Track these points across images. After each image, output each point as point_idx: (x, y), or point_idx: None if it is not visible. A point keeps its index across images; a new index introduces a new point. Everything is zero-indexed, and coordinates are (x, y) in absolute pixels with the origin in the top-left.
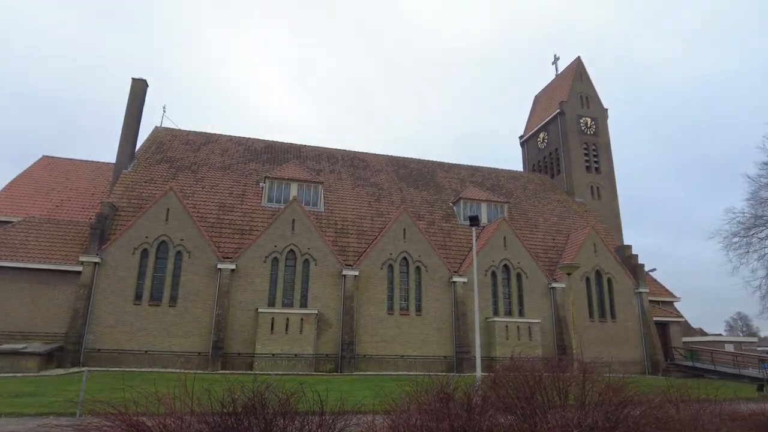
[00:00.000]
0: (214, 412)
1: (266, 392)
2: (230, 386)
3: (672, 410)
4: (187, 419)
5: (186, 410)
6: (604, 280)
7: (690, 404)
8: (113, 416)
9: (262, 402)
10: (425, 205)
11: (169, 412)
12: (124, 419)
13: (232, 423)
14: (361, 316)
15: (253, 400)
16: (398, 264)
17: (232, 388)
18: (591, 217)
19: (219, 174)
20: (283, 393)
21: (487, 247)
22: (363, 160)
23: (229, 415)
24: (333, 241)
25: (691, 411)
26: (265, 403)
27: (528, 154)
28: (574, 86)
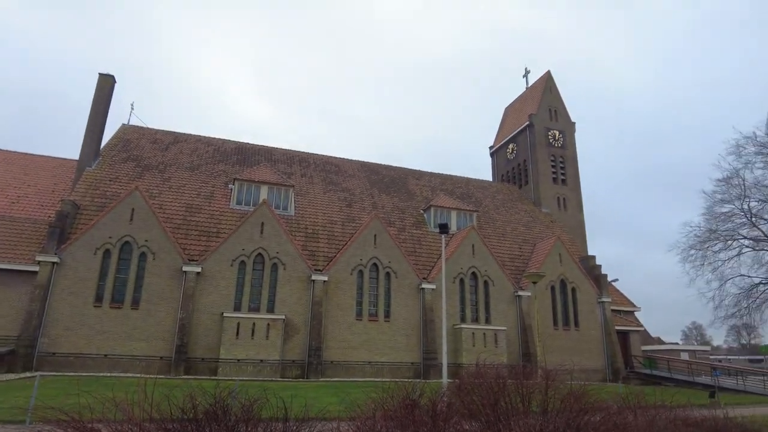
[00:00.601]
0: (174, 418)
1: (229, 398)
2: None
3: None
4: (145, 426)
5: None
6: (569, 289)
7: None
8: (65, 423)
9: (224, 408)
10: (396, 211)
11: (126, 418)
12: (78, 426)
13: (193, 430)
14: (330, 322)
15: (214, 407)
16: (368, 270)
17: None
18: (557, 227)
19: (187, 174)
20: (246, 399)
21: (456, 254)
22: (335, 165)
23: (190, 421)
24: (303, 245)
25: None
26: (227, 410)
27: (497, 165)
28: (544, 99)
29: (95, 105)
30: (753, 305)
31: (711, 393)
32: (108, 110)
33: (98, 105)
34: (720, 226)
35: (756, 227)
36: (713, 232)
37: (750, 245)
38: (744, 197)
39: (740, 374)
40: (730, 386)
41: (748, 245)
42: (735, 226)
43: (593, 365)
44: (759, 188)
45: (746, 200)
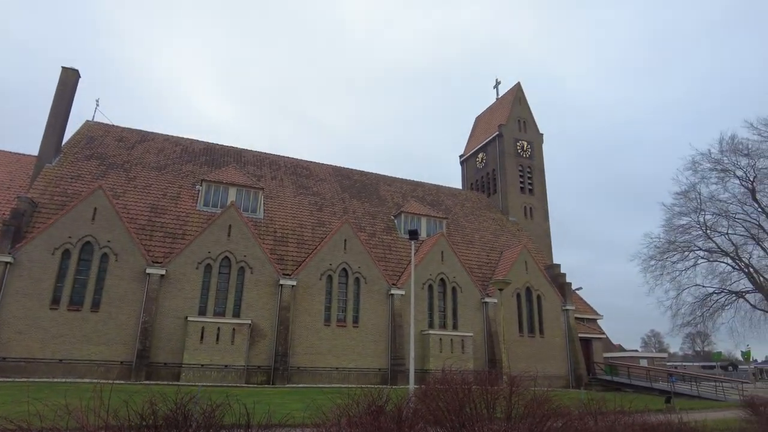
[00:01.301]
0: (132, 425)
1: (190, 404)
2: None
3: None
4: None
5: (100, 424)
6: (534, 296)
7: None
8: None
9: (185, 414)
10: (367, 216)
11: (80, 426)
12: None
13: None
14: (297, 327)
15: (175, 413)
16: (338, 275)
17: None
18: (523, 236)
19: (153, 174)
20: (208, 405)
21: (425, 260)
22: (306, 169)
23: (149, 428)
24: (271, 249)
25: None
26: (188, 416)
27: (467, 173)
28: (513, 110)
29: (57, 99)
30: (707, 314)
31: (667, 398)
32: (71, 105)
33: (61, 99)
34: (678, 238)
35: (710, 239)
36: (672, 243)
37: (705, 256)
38: (700, 211)
39: (694, 380)
40: (684, 392)
41: (703, 256)
42: (692, 238)
43: (557, 372)
44: (713, 202)
45: (702, 213)
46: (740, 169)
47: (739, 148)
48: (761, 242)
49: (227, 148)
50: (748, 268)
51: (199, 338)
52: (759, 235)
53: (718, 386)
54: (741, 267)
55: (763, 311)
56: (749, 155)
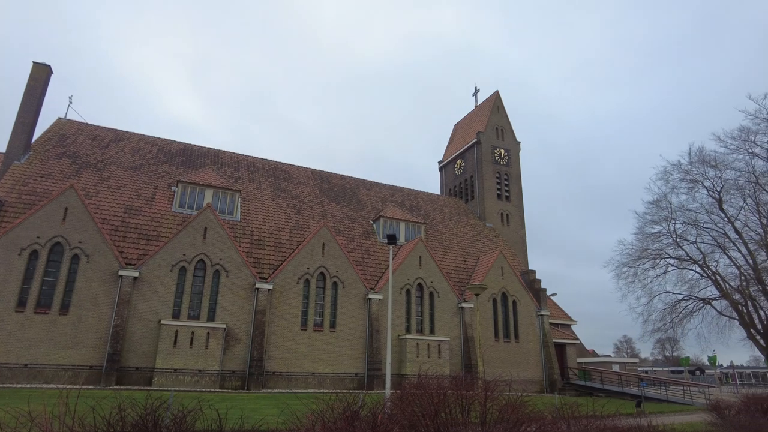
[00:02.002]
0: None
1: (161, 410)
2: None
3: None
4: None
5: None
6: (510, 302)
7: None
8: None
9: (155, 420)
10: (346, 220)
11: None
12: None
13: None
14: (273, 332)
15: (144, 419)
16: (315, 279)
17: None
18: (500, 242)
19: (128, 174)
20: (179, 410)
21: (403, 265)
22: (285, 172)
23: None
24: (247, 252)
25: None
26: (158, 422)
27: (446, 179)
28: (491, 118)
29: (28, 95)
30: (676, 320)
31: (637, 402)
32: (42, 102)
33: (31, 95)
34: (650, 246)
35: (680, 247)
36: (644, 250)
37: (675, 264)
38: (670, 219)
39: (663, 385)
40: (654, 396)
41: (674, 264)
42: (663, 246)
43: (531, 377)
44: (683, 212)
45: (672, 222)
46: (708, 179)
47: (707, 159)
48: (727, 251)
49: (204, 149)
50: (715, 275)
51: (172, 342)
52: (725, 244)
53: (685, 390)
54: (708, 274)
55: (728, 317)
56: (716, 167)
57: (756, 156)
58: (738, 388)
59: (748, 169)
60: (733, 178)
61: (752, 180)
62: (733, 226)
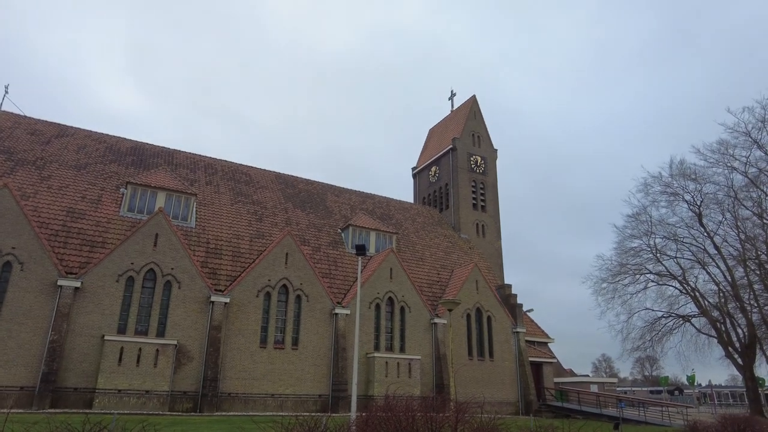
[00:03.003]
0: None
1: None
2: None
3: None
4: None
5: None
6: (484, 318)
7: None
8: None
9: None
10: (312, 229)
11: None
12: None
13: None
14: (229, 349)
15: None
16: (277, 292)
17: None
18: (475, 254)
19: (71, 174)
20: None
21: (372, 278)
22: (246, 174)
23: None
24: (203, 262)
25: None
26: None
27: (419, 186)
28: (468, 124)
29: None
30: (655, 338)
31: (615, 425)
32: None
33: None
34: (629, 261)
35: (660, 263)
36: (623, 266)
37: (655, 280)
38: (650, 234)
39: (642, 405)
40: (632, 417)
41: (654, 280)
42: (642, 261)
43: (506, 397)
44: (663, 225)
45: (652, 237)
46: (688, 193)
47: (687, 172)
48: (706, 266)
49: (158, 148)
50: (695, 292)
51: (117, 360)
52: (704, 260)
53: (664, 411)
54: (687, 291)
55: (707, 335)
56: (696, 180)
57: (734, 170)
58: (716, 408)
59: (727, 183)
60: (712, 192)
61: (731, 194)
62: (712, 241)
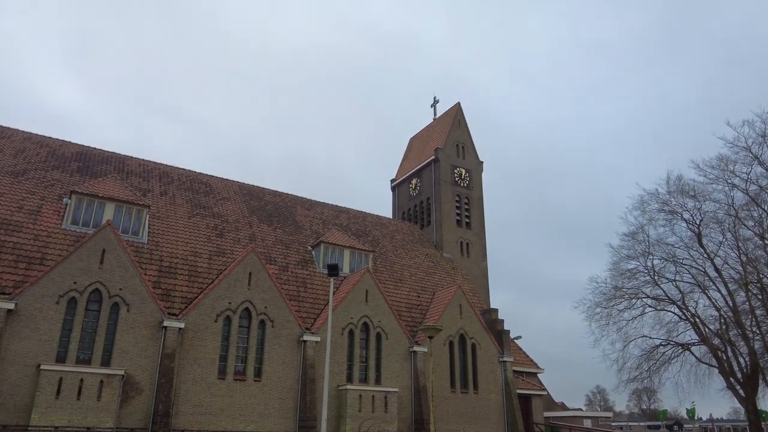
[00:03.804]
0: None
1: None
2: None
3: None
4: None
5: None
6: (468, 346)
7: None
8: None
9: None
10: (279, 246)
11: None
12: None
13: None
14: (183, 381)
15: None
16: (238, 316)
17: None
18: (459, 275)
19: (7, 180)
20: None
21: (346, 301)
22: (206, 184)
23: None
24: (155, 282)
25: None
26: None
27: (399, 200)
28: (452, 133)
29: None
30: (653, 368)
31: None
32: None
33: None
34: (625, 284)
35: (658, 286)
36: (618, 289)
37: (652, 305)
38: (648, 254)
39: None
40: None
41: (651, 305)
42: (639, 284)
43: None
44: (661, 246)
45: (650, 257)
46: (687, 211)
47: (685, 189)
48: (706, 290)
49: (107, 153)
50: (695, 317)
51: (54, 392)
52: (704, 283)
53: None
54: (687, 317)
55: (708, 365)
56: (696, 197)
57: (735, 187)
58: None
59: (728, 201)
60: (712, 211)
61: (731, 213)
62: (712, 263)
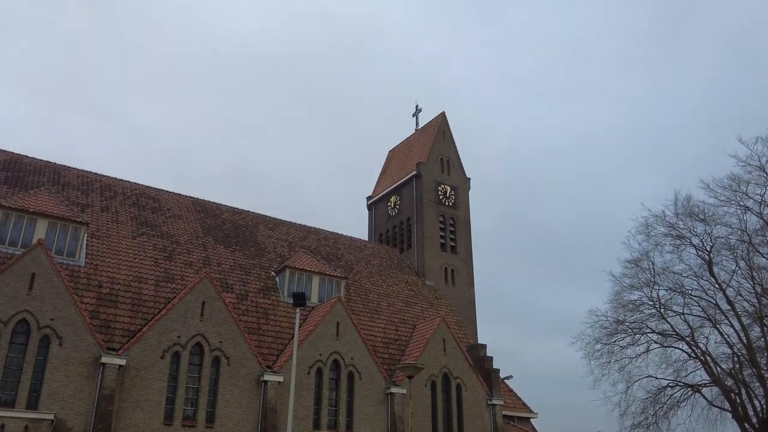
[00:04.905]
0: None
1: None
2: None
3: None
4: None
5: None
6: (453, 386)
7: None
8: None
9: None
10: (238, 271)
11: None
12: None
13: None
14: (124, 427)
15: None
16: (188, 352)
17: None
18: (442, 305)
19: None
20: None
21: (314, 335)
22: (154, 200)
23: None
24: (93, 311)
25: None
26: None
27: (376, 220)
28: (436, 146)
29: None
30: (660, 412)
31: None
32: None
33: None
34: (628, 317)
35: (665, 320)
36: (621, 323)
37: (658, 341)
38: (653, 284)
39: None
40: None
41: (657, 340)
42: (643, 318)
43: None
44: (668, 274)
45: (655, 288)
46: (696, 236)
47: (695, 211)
48: (719, 324)
49: (41, 162)
50: (705, 355)
51: None
52: (716, 316)
53: None
54: (697, 354)
55: (720, 408)
56: (706, 221)
57: (748, 210)
58: None
59: (741, 226)
60: (724, 236)
61: (745, 239)
62: (724, 294)
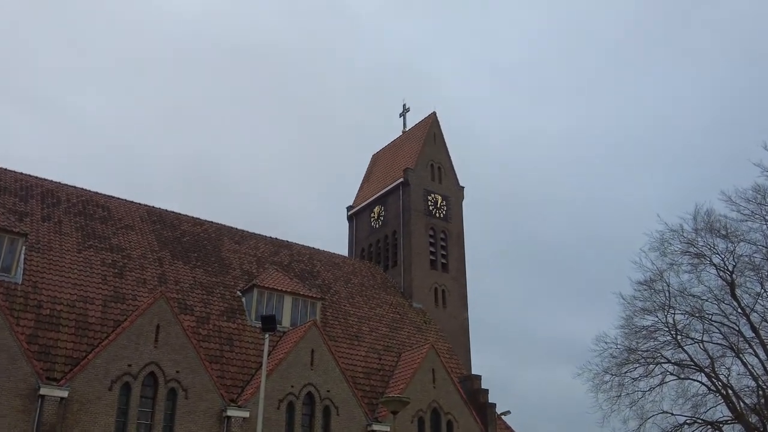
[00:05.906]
0: None
1: None
2: None
3: None
4: None
5: None
6: (443, 423)
7: None
8: None
9: None
10: (199, 290)
11: None
12: None
13: None
14: None
15: None
16: (140, 383)
17: None
18: (432, 330)
19: None
20: None
21: (285, 363)
22: (103, 208)
23: None
24: (31, 335)
25: None
26: None
27: (357, 233)
28: (425, 151)
29: None
30: None
31: None
32: None
33: None
34: (640, 345)
35: (681, 348)
36: (632, 351)
37: (675, 372)
38: (669, 308)
39: None
40: None
41: (673, 371)
42: (658, 346)
43: None
44: (685, 297)
45: (671, 312)
46: (717, 254)
47: (716, 227)
48: (742, 354)
49: None
50: (726, 389)
51: None
52: (739, 345)
53: None
54: (718, 387)
55: None
56: (727, 237)
57: None
58: None
59: (766, 243)
60: (747, 254)
61: None
62: (748, 319)
